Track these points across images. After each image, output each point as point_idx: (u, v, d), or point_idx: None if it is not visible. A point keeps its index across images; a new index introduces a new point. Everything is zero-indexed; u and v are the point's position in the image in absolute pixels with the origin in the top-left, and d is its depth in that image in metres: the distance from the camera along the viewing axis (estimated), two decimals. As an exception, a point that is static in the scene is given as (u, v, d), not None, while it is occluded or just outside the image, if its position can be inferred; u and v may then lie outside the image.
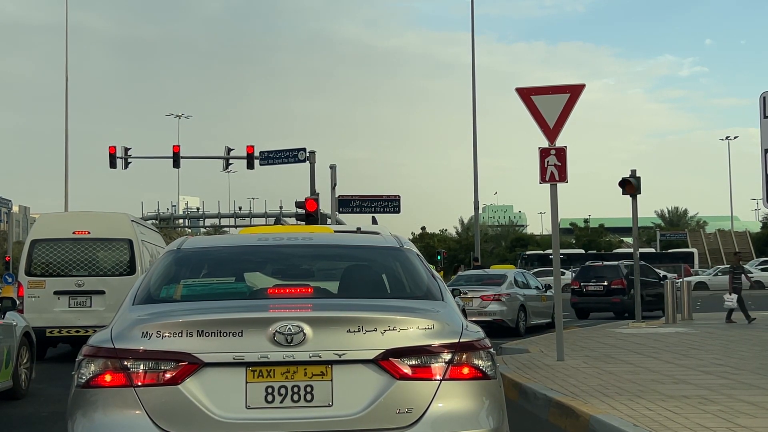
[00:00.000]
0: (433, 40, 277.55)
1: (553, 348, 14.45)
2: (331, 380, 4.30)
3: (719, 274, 59.96)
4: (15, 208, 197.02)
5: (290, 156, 40.56)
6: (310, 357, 4.28)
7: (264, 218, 67.48)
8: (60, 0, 61.38)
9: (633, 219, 21.75)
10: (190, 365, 4.25)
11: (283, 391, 4.28)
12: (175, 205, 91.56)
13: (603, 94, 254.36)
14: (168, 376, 4.25)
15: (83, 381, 4.40)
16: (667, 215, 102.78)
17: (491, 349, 4.63)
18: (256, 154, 42.32)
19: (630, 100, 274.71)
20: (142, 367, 4.28)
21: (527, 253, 72.24)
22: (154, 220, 67.70)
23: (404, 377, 4.32)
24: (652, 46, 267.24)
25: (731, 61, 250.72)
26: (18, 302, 12.04)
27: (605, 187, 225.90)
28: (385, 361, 4.32)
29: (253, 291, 5.26)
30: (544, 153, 13.35)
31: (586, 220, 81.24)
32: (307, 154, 39.18)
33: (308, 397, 4.28)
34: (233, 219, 68.62)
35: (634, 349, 15.25)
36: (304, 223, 29.60)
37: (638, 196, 21.01)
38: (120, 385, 4.30)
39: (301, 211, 30.99)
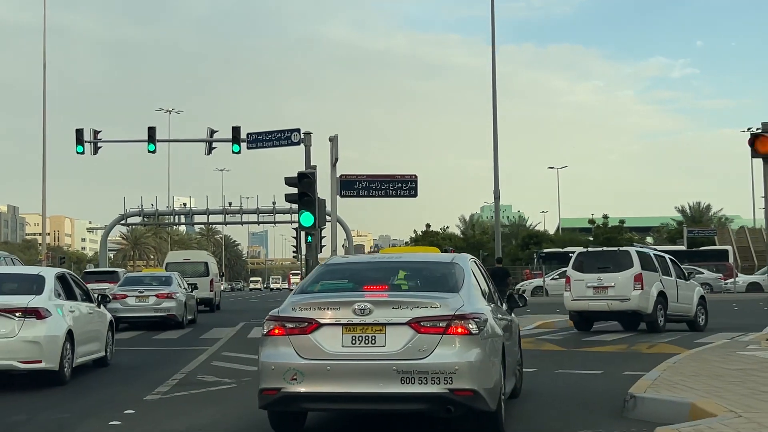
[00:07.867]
0: (421, 42, 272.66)
1: (723, 396, 8.91)
2: (385, 334, 8.44)
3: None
4: (3, 208, 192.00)
5: (282, 138, 35.02)
6: (374, 321, 8.47)
7: (256, 214, 63.01)
8: (51, 1, 59.43)
9: (765, 186, 15.81)
10: (314, 324, 8.56)
11: (360, 338, 8.47)
12: (168, 207, 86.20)
13: (592, 95, 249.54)
14: (304, 329, 8.57)
15: (266, 332, 8.78)
16: (688, 211, 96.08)
17: (478, 319, 8.53)
18: (243, 136, 36.97)
19: (619, 102, 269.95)
20: (291, 325, 8.63)
21: (545, 251, 65.69)
22: (137, 216, 62.90)
23: (422, 332, 8.35)
24: (642, 48, 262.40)
25: (722, 63, 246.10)
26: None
27: (601, 187, 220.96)
28: (413, 323, 8.38)
29: (354, 287, 9.30)
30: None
31: (605, 216, 75.87)
32: (302, 136, 33.59)
33: (373, 341, 8.44)
34: (222, 215, 63.97)
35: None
36: (296, 204, 25.01)
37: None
38: (281, 334, 8.66)
39: (293, 191, 25.92)
